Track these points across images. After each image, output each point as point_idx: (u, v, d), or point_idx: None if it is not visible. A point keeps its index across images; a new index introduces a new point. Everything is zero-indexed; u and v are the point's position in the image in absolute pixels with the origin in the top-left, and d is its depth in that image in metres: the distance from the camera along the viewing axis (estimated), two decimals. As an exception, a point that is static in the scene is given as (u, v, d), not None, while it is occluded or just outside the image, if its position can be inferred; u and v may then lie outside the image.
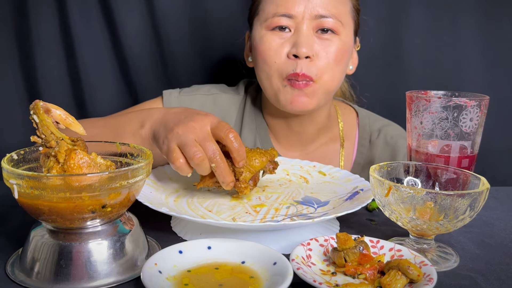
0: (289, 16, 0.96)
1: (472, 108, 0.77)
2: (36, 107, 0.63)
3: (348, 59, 1.03)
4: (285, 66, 0.97)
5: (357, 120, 1.16)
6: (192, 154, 0.72)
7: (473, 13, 1.33)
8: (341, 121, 1.14)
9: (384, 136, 1.12)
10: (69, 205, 0.57)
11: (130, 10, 1.30)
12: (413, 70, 1.38)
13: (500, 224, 0.85)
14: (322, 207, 0.80)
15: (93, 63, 1.32)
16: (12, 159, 0.64)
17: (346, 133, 1.15)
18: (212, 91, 1.14)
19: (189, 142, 0.73)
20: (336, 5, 0.97)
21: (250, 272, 0.61)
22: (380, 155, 1.12)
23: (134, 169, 0.61)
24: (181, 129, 0.74)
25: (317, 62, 0.97)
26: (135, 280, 0.62)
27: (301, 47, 0.95)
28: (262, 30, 1.00)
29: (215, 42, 1.35)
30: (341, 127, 1.14)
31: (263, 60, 1.00)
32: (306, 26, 0.96)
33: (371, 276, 0.61)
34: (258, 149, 0.82)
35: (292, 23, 0.97)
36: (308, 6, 0.96)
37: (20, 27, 1.28)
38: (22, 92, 1.32)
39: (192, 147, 0.72)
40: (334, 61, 0.98)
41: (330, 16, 0.96)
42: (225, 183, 0.76)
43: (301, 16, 0.96)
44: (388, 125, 1.15)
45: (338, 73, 1.00)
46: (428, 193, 0.64)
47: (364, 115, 1.16)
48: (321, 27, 0.97)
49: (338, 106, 1.17)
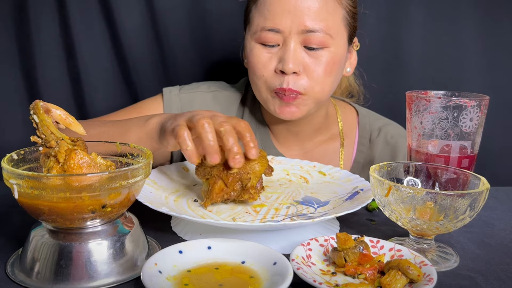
0: (276, 30, 0.94)
1: (472, 108, 0.77)
2: (36, 107, 0.63)
3: (340, 68, 1.01)
4: (272, 80, 0.97)
5: (357, 119, 1.16)
6: (197, 120, 0.72)
7: (473, 13, 1.33)
8: (340, 121, 1.14)
9: (384, 135, 1.12)
10: (69, 205, 0.57)
11: (130, 10, 1.30)
12: (413, 70, 1.38)
13: (500, 224, 0.85)
14: (322, 207, 0.80)
15: (93, 63, 1.32)
16: (12, 159, 0.64)
17: (346, 132, 1.14)
18: (212, 88, 1.14)
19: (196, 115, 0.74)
20: (325, 17, 0.94)
21: (250, 272, 0.61)
22: (380, 154, 1.12)
23: (134, 169, 0.61)
24: (189, 113, 0.76)
25: (305, 76, 0.95)
26: (135, 280, 0.62)
27: (288, 63, 0.93)
28: (252, 42, 0.99)
29: (215, 42, 1.35)
30: (341, 126, 1.14)
31: (252, 71, 1.00)
32: (294, 40, 0.94)
33: (371, 276, 0.61)
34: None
35: (280, 37, 0.95)
36: (295, 21, 0.93)
37: (20, 27, 1.28)
38: (22, 92, 1.32)
39: (200, 118, 0.72)
40: (324, 74, 0.96)
41: (318, 30, 0.93)
42: (234, 153, 0.73)
43: (288, 30, 0.94)
44: (389, 124, 1.15)
45: (328, 84, 0.98)
46: (428, 193, 0.64)
47: (364, 114, 1.16)
48: (309, 42, 0.94)
49: (338, 105, 1.17)
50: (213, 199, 0.76)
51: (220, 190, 0.76)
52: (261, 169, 0.78)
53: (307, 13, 0.93)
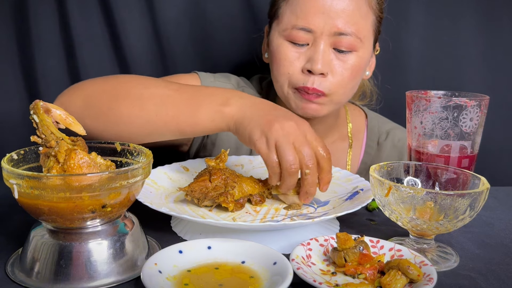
0: (308, 30, 0.94)
1: (472, 108, 0.77)
2: (36, 107, 0.63)
3: (363, 72, 1.02)
4: (297, 78, 0.97)
5: (365, 122, 1.17)
6: (287, 165, 0.72)
7: (473, 13, 1.33)
8: (349, 122, 1.15)
9: (392, 139, 1.14)
10: (69, 205, 0.57)
11: (130, 10, 1.30)
12: (413, 70, 1.38)
13: (500, 224, 0.85)
14: (322, 207, 0.80)
15: (93, 63, 1.32)
16: (12, 159, 0.64)
17: (355, 133, 1.15)
18: (241, 84, 1.14)
19: (288, 146, 0.72)
20: (357, 21, 0.94)
21: (250, 272, 0.61)
22: (387, 157, 1.13)
23: (134, 169, 0.61)
24: (280, 124, 0.73)
25: (331, 78, 0.95)
26: (135, 280, 0.62)
27: (317, 64, 0.93)
28: (280, 38, 0.98)
29: (215, 42, 1.35)
30: (350, 128, 1.14)
31: (277, 68, 0.99)
32: (324, 42, 0.94)
33: (371, 276, 0.61)
34: (252, 178, 0.82)
35: (311, 37, 0.95)
36: (328, 22, 0.93)
37: (20, 27, 1.28)
38: (22, 92, 1.32)
39: (290, 154, 0.72)
40: (349, 78, 0.97)
41: (349, 34, 0.93)
42: (310, 194, 0.76)
43: (320, 31, 0.93)
44: (396, 128, 1.17)
45: (350, 87, 0.99)
46: (428, 193, 0.64)
47: (373, 117, 1.18)
48: (339, 45, 0.94)
49: (347, 106, 1.18)
50: (192, 186, 0.77)
51: (202, 181, 0.77)
52: (248, 191, 0.79)
53: (341, 15, 0.93)
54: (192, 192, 0.77)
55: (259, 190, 0.81)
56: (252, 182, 0.81)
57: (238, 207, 0.78)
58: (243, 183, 0.79)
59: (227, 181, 0.78)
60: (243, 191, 0.79)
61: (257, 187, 0.81)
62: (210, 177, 0.78)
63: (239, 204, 0.78)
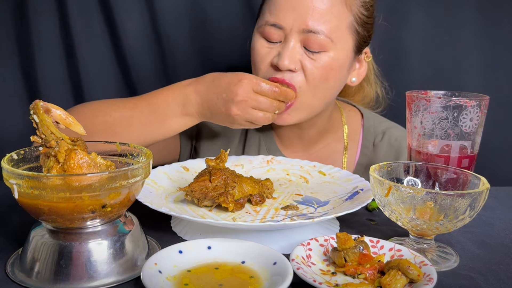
0: (279, 26, 0.94)
1: (472, 108, 0.77)
2: (36, 107, 0.63)
3: (340, 76, 0.99)
4: (267, 74, 0.96)
5: (361, 122, 1.16)
6: (262, 121, 0.90)
7: (473, 13, 1.33)
8: (345, 124, 1.14)
9: (388, 138, 1.12)
10: (69, 205, 0.57)
11: (130, 10, 1.30)
12: (413, 70, 1.38)
13: (500, 224, 0.85)
14: (322, 207, 0.80)
15: (93, 63, 1.32)
16: (12, 159, 0.64)
17: (350, 135, 1.14)
18: None
19: (252, 114, 0.88)
20: (329, 19, 0.93)
21: (250, 272, 0.61)
22: (383, 157, 1.12)
23: (134, 169, 0.61)
24: (232, 105, 0.87)
25: (301, 74, 0.94)
26: (135, 280, 0.62)
27: (283, 60, 0.92)
28: (256, 35, 0.99)
29: (215, 42, 1.35)
30: (346, 129, 1.13)
31: (252, 64, 1.00)
32: (294, 39, 0.93)
33: (371, 276, 0.61)
34: (252, 178, 0.82)
35: (282, 34, 0.95)
36: (297, 19, 0.92)
37: (20, 27, 1.28)
38: (22, 92, 1.32)
39: (258, 117, 0.89)
40: (320, 78, 0.95)
41: (319, 32, 0.92)
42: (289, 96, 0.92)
43: (290, 27, 0.93)
44: (392, 127, 1.15)
45: (321, 90, 0.97)
46: (428, 193, 0.64)
47: (369, 117, 1.16)
48: (309, 43, 0.93)
49: (342, 107, 1.16)
50: (192, 186, 0.77)
51: (202, 181, 0.77)
52: (248, 191, 0.79)
53: (311, 13, 0.92)
54: (192, 192, 0.77)
55: (259, 190, 0.81)
56: (252, 182, 0.81)
57: (238, 207, 0.78)
58: (243, 183, 0.79)
59: (227, 181, 0.78)
60: (243, 191, 0.79)
61: (257, 187, 0.81)
62: (210, 177, 0.78)
63: (239, 204, 0.78)
